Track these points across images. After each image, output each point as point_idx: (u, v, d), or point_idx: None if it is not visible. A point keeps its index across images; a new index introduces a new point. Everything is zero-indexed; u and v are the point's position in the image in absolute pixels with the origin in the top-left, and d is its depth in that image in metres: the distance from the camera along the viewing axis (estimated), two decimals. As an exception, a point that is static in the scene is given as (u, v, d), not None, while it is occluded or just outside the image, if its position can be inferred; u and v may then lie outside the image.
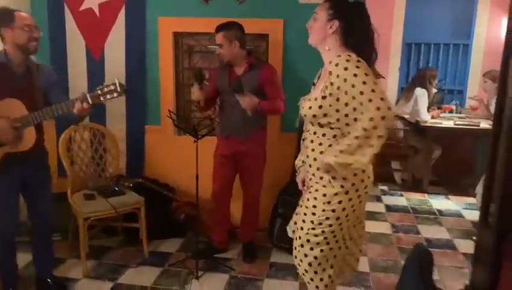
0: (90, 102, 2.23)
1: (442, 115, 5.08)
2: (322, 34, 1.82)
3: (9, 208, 2.42)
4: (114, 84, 2.22)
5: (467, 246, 3.46)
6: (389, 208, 4.34)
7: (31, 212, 2.60)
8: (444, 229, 3.87)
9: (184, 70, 3.68)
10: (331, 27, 1.80)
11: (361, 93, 1.64)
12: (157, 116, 3.62)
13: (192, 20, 3.45)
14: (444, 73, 5.49)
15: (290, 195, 3.08)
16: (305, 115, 1.85)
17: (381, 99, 1.63)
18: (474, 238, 3.35)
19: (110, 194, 3.05)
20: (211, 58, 3.64)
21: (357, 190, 1.82)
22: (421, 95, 4.79)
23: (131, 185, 3.32)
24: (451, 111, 5.34)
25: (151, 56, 3.56)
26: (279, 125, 3.46)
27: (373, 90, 1.63)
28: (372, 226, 3.86)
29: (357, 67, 1.67)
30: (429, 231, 3.80)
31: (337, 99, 1.72)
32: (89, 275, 2.91)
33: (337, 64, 1.70)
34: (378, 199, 4.61)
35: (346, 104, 1.69)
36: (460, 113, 5.35)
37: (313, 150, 1.87)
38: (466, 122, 4.76)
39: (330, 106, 1.75)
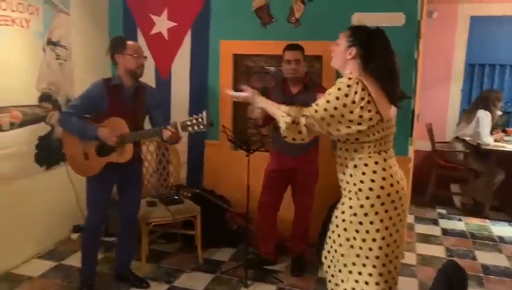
0: (181, 131, 2.51)
1: (506, 138, 4.87)
2: (342, 59, 2.00)
3: (101, 204, 2.79)
4: (202, 117, 2.46)
5: (527, 275, 3.32)
6: (445, 232, 4.23)
7: (122, 211, 2.94)
8: (503, 256, 3.71)
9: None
10: (350, 53, 1.95)
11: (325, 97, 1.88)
12: (216, 132, 3.85)
13: (251, 43, 3.68)
14: (510, 95, 5.26)
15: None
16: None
17: (324, 109, 1.84)
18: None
19: (170, 202, 3.31)
20: (266, 78, 3.84)
21: (382, 203, 1.88)
22: (484, 117, 4.65)
23: (189, 194, 3.57)
24: (516, 134, 5.10)
25: (212, 76, 3.84)
26: (330, 144, 3.56)
27: (328, 101, 1.85)
28: (425, 249, 3.80)
29: (339, 89, 1.84)
30: (487, 258, 3.66)
31: (342, 116, 1.85)
32: (148, 277, 3.15)
33: (335, 84, 1.89)
34: (435, 222, 4.50)
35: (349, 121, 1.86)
36: (526, 137, 5.09)
37: (341, 164, 2.01)
38: (533, 147, 4.54)
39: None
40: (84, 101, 2.68)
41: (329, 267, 2.10)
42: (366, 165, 1.92)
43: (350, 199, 1.95)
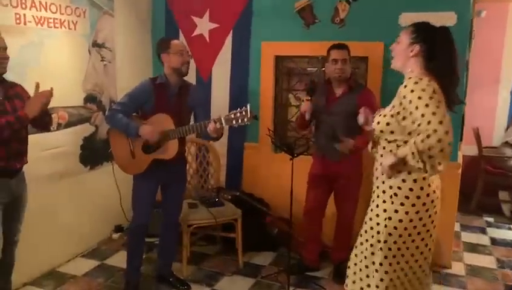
0: (224, 124, 2.48)
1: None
2: (404, 57, 1.93)
3: (147, 203, 2.81)
4: (246, 110, 2.43)
5: None
6: (494, 242, 4.02)
7: (166, 211, 2.94)
8: (559, 268, 3.49)
9: (283, 91, 3.86)
10: (412, 51, 1.89)
11: (422, 115, 1.74)
12: (256, 134, 3.81)
13: (293, 44, 3.62)
14: None
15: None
16: (374, 129, 1.99)
17: (440, 122, 1.70)
18: None
19: (211, 204, 3.29)
20: (307, 80, 3.77)
21: (417, 212, 1.90)
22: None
23: (229, 197, 3.54)
24: None
25: (253, 78, 3.80)
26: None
27: (434, 114, 1.72)
28: (474, 259, 3.62)
29: (423, 90, 1.76)
30: (542, 270, 3.45)
31: (404, 118, 1.83)
32: (188, 279, 3.14)
33: (405, 86, 1.82)
34: (483, 231, 4.29)
35: (412, 123, 1.80)
36: None
37: (380, 163, 1.98)
38: None
39: (398, 124, 1.86)
40: (131, 99, 2.71)
41: (356, 255, 2.16)
42: (409, 173, 1.89)
43: (384, 201, 1.97)
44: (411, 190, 1.90)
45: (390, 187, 1.95)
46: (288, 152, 2.87)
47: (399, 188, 1.92)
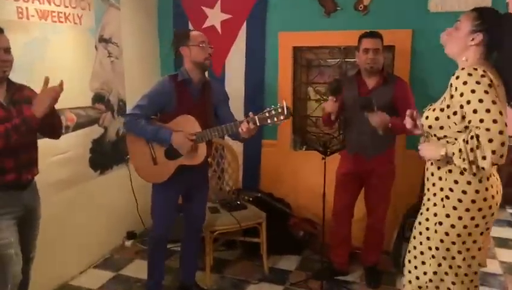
0: (258, 124, 2.24)
1: None
2: (462, 44, 1.74)
3: (169, 212, 2.58)
4: (282, 107, 2.19)
5: None
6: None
7: (188, 219, 2.72)
8: None
9: (302, 84, 3.64)
10: (473, 39, 1.71)
11: (475, 111, 1.57)
12: (274, 130, 3.59)
13: (313, 34, 3.39)
14: None
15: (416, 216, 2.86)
16: (422, 125, 1.82)
17: (494, 121, 1.54)
18: None
19: (233, 208, 3.07)
20: (328, 72, 3.56)
21: (473, 218, 1.73)
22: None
23: (250, 199, 3.33)
24: None
25: (270, 71, 3.57)
26: (404, 142, 3.25)
27: (487, 110, 1.55)
28: (506, 255, 3.46)
29: (477, 82, 1.59)
30: None
31: (455, 113, 1.67)
32: (213, 288, 2.94)
33: (458, 77, 1.64)
34: (510, 224, 4.13)
35: (462, 118, 1.64)
36: None
37: (431, 163, 1.82)
38: None
39: (448, 118, 1.70)
40: (151, 101, 2.43)
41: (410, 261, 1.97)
42: (461, 173, 1.71)
43: (435, 204, 1.81)
44: (464, 192, 1.72)
45: (442, 189, 1.78)
46: (321, 151, 2.65)
47: (451, 190, 1.75)
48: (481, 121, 1.55)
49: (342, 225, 3.04)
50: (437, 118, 1.74)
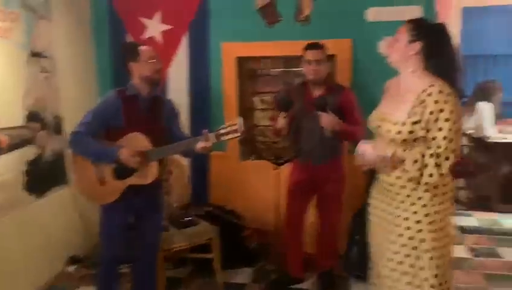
0: (214, 141, 2.18)
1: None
2: (403, 54, 1.83)
3: (120, 236, 2.44)
4: (236, 124, 2.16)
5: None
6: (463, 230, 4.08)
7: (144, 242, 2.57)
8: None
9: (248, 94, 3.63)
10: (413, 48, 1.81)
11: (440, 129, 1.72)
12: (222, 142, 3.54)
13: (256, 44, 3.40)
14: (505, 85, 5.23)
15: (364, 218, 2.93)
16: (392, 140, 1.83)
17: (450, 140, 1.70)
18: None
19: (183, 224, 2.98)
20: (273, 82, 3.58)
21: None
22: (485, 108, 4.58)
23: (201, 213, 3.25)
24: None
25: (214, 82, 3.53)
26: (346, 148, 3.33)
27: (450, 129, 1.71)
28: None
29: (445, 102, 1.72)
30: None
31: (425, 130, 1.76)
32: (167, 310, 2.83)
33: (430, 94, 1.74)
34: (447, 220, 4.37)
35: (427, 132, 1.76)
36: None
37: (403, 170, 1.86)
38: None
39: (422, 129, 1.77)
40: (96, 116, 2.30)
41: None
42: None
43: (405, 210, 1.86)
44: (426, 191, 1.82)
45: (408, 196, 1.85)
46: (274, 161, 2.64)
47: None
48: (444, 138, 1.70)
49: (296, 233, 3.05)
50: (411, 132, 1.78)
